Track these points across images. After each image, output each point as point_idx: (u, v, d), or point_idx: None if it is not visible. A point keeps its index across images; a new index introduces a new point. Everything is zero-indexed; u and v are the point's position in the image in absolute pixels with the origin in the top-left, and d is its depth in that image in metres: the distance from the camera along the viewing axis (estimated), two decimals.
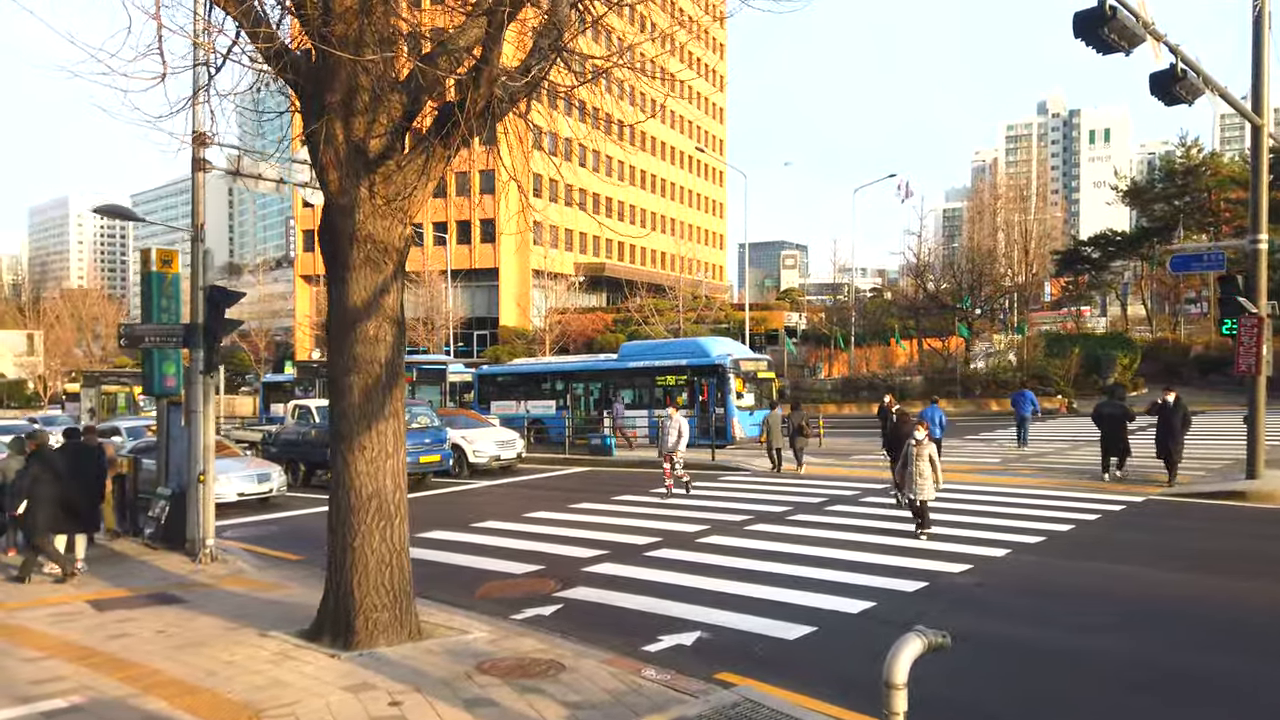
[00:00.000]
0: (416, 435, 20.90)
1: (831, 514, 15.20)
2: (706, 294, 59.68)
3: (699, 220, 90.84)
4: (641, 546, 13.04)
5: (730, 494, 18.01)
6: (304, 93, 7.55)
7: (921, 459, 12.53)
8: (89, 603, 9.83)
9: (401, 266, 8.06)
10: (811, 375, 54.63)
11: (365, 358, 7.81)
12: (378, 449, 7.83)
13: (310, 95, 7.49)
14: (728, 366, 25.93)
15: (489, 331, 62.19)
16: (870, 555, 11.82)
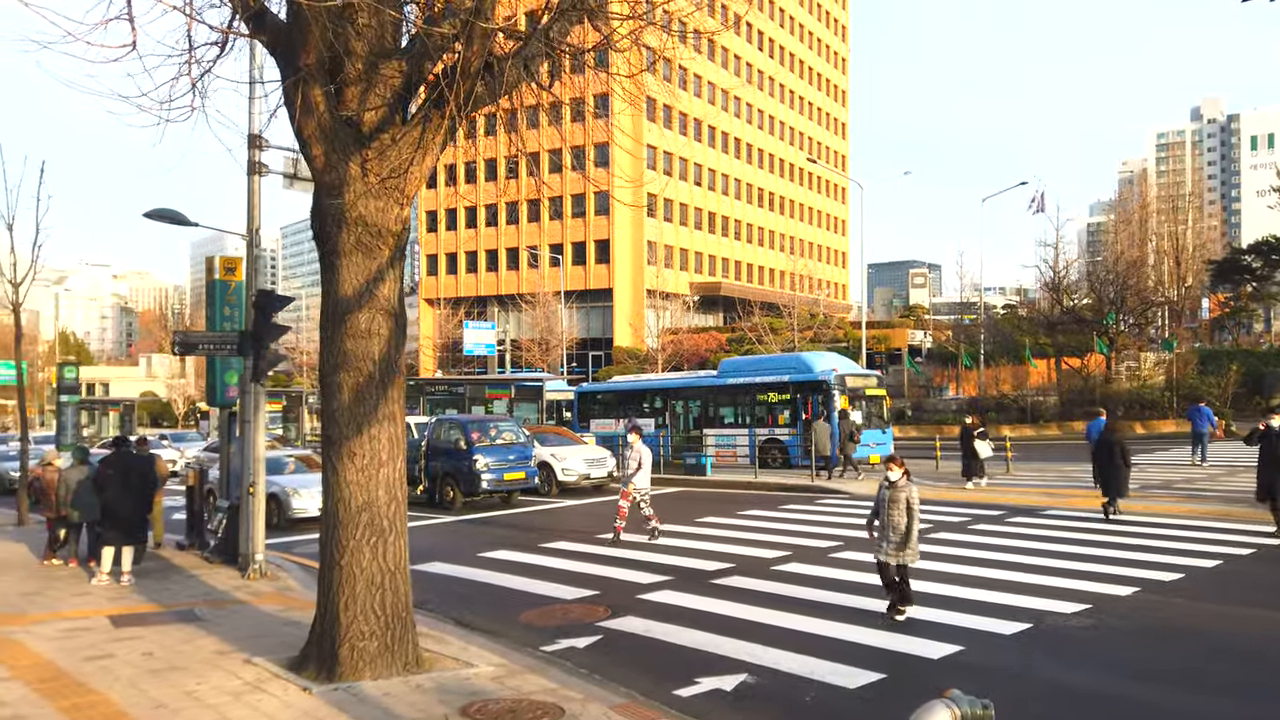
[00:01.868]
0: (500, 451, 20.30)
1: (935, 541, 13.58)
2: (824, 312, 57.71)
3: (818, 237, 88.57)
4: (710, 573, 11.84)
5: (822, 518, 16.53)
6: (280, 56, 6.83)
7: (897, 506, 9.05)
8: (110, 618, 9.39)
9: (399, 252, 7.23)
10: (938, 395, 51.80)
11: (356, 354, 7.00)
12: (369, 456, 6.99)
13: (286, 59, 6.77)
14: (833, 382, 24.33)
15: (603, 352, 61.90)
16: (969, 590, 10.27)
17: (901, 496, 9.05)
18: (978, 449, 20.38)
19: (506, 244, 68.01)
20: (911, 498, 9.03)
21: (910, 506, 9.00)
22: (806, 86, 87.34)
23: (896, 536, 9.02)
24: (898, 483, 9.11)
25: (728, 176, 74.55)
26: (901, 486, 9.09)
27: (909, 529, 8.96)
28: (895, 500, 9.06)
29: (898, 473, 9.17)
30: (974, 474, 20.47)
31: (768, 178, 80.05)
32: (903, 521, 9.00)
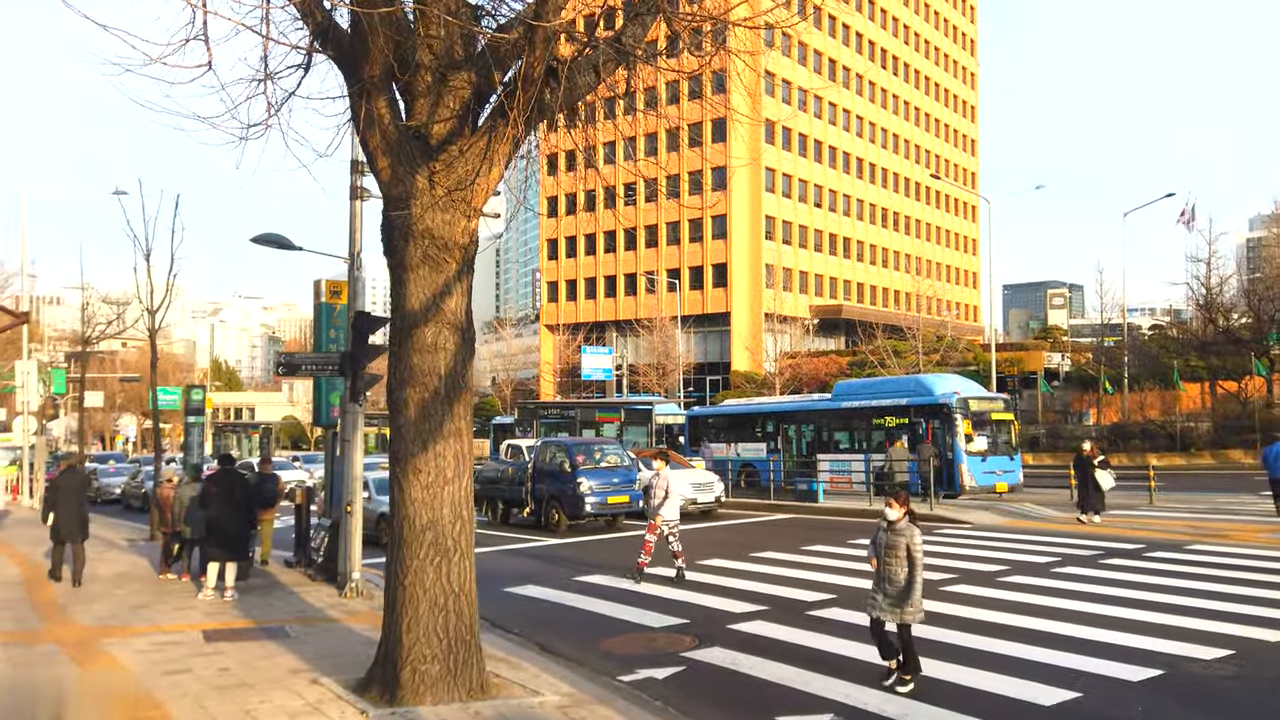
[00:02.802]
0: (604, 475, 20.13)
1: (1060, 576, 12.55)
2: (952, 334, 55.52)
3: (947, 258, 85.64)
4: (808, 603, 11.23)
5: (937, 549, 15.56)
6: (345, 69, 6.81)
7: (896, 554, 7.54)
8: (204, 632, 9.56)
9: (467, 265, 7.08)
10: (1078, 421, 48.95)
11: (422, 369, 6.86)
12: (435, 473, 6.82)
13: (350, 71, 6.74)
14: (954, 406, 23.13)
15: (721, 377, 61.34)
16: (1094, 629, 9.35)
17: (901, 542, 7.49)
18: (1099, 480, 18.51)
19: (625, 269, 68.51)
20: (914, 544, 7.48)
21: (912, 554, 7.47)
22: (933, 103, 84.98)
23: (894, 590, 7.52)
24: (897, 524, 7.55)
25: (849, 197, 73.09)
26: (902, 529, 7.53)
27: (910, 581, 7.45)
28: (894, 546, 7.52)
29: (897, 512, 7.56)
30: (1091, 507, 18.56)
31: (892, 197, 78.07)
32: (902, 572, 7.48)
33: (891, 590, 7.54)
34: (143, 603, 11.52)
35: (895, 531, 7.54)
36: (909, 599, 7.46)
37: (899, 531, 7.53)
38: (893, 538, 7.56)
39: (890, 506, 7.61)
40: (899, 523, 7.54)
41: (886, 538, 7.61)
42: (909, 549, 7.48)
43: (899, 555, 7.51)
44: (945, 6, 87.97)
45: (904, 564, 7.52)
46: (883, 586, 7.62)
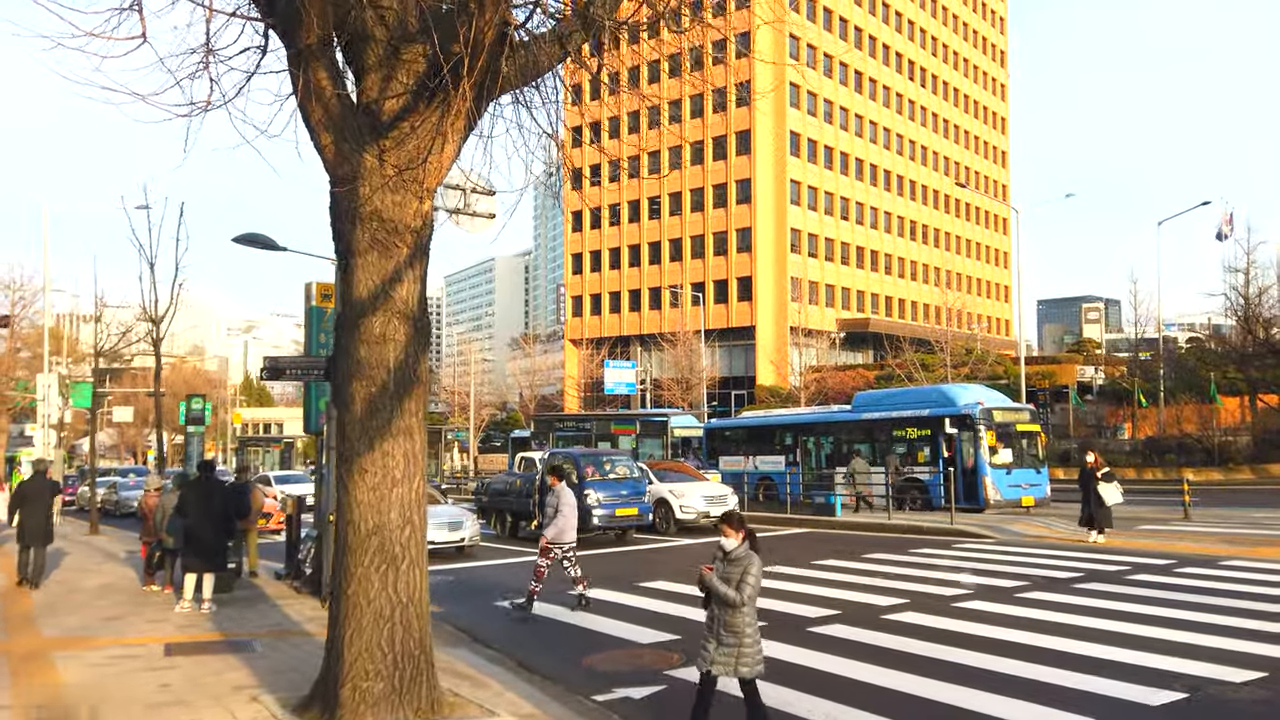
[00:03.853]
0: (613, 486, 19.58)
1: (1082, 592, 11.80)
2: (982, 347, 54.42)
3: (978, 271, 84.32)
4: (810, 620, 10.58)
5: (955, 563, 14.84)
6: (284, 38, 6.37)
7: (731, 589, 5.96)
8: (167, 645, 9.12)
9: (420, 250, 6.60)
10: (1112, 436, 47.66)
11: (370, 362, 6.38)
12: (382, 474, 6.32)
13: (289, 39, 6.30)
14: (977, 417, 22.31)
15: (746, 391, 60.56)
16: (1114, 649, 8.64)
17: (736, 574, 5.95)
18: (1103, 494, 16.62)
19: (649, 283, 68.09)
20: (748, 576, 5.93)
21: (742, 588, 5.92)
22: (963, 115, 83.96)
23: (731, 636, 5.96)
24: (733, 554, 6.05)
25: (877, 209, 72.21)
26: (738, 558, 6.01)
27: (746, 623, 5.97)
28: (728, 578, 5.97)
29: (733, 539, 6.07)
30: (1095, 523, 16.79)
31: (921, 209, 77.06)
32: (740, 614, 5.95)
33: (727, 636, 5.99)
34: (118, 614, 11.13)
35: (731, 562, 6.06)
36: (743, 644, 5.97)
37: (735, 561, 6.05)
38: (728, 569, 6.05)
39: (726, 534, 6.14)
40: (736, 552, 6.08)
41: (722, 570, 6.09)
42: (742, 582, 5.94)
43: (731, 587, 5.98)
44: (974, 18, 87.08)
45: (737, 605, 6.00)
46: (716, 631, 6.05)
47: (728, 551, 6.13)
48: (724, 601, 5.95)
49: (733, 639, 5.99)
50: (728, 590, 5.93)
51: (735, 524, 6.22)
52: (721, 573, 6.11)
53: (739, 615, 5.97)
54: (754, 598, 6.02)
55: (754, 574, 6.01)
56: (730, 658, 6.00)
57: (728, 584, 5.99)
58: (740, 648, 5.97)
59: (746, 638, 6.00)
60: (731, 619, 5.99)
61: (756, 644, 6.05)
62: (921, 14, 78.82)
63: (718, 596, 5.99)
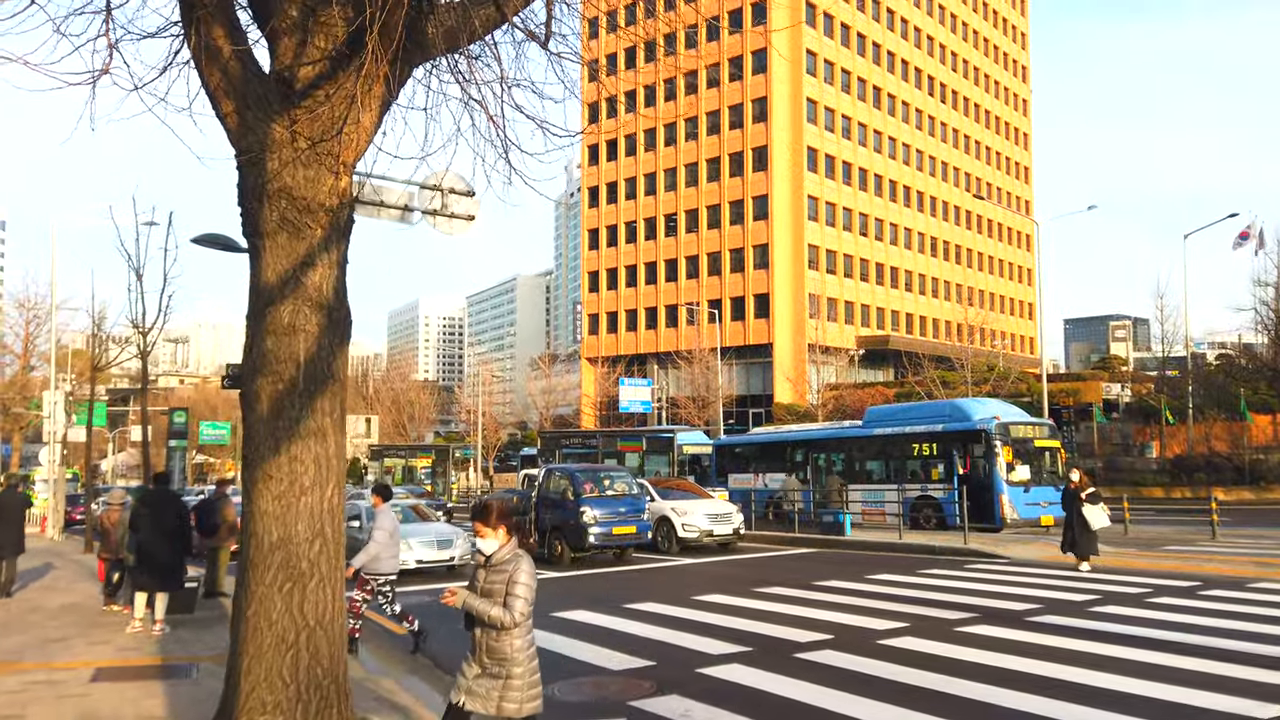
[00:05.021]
0: (610, 504, 18.83)
1: (1098, 616, 10.92)
2: (1004, 364, 53.21)
3: (1001, 288, 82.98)
4: (799, 644, 9.78)
5: (964, 585, 13.95)
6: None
7: (496, 604, 4.84)
8: (96, 670, 8.48)
9: (336, 232, 5.95)
10: (1139, 454, 46.25)
11: (277, 355, 5.72)
12: (289, 481, 5.65)
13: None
14: (993, 432, 21.36)
15: (763, 409, 59.61)
16: (1131, 680, 7.81)
17: (501, 585, 4.84)
18: (1088, 517, 15.02)
19: (666, 301, 67.43)
20: (519, 585, 4.80)
21: (510, 602, 4.79)
22: (984, 130, 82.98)
23: (496, 663, 4.85)
24: (495, 558, 4.93)
25: (896, 225, 71.25)
26: (501, 564, 4.90)
27: (518, 648, 4.84)
28: (492, 593, 4.86)
29: (492, 540, 4.94)
30: (1079, 549, 15.16)
31: (941, 225, 75.99)
32: (506, 636, 4.82)
33: (490, 661, 4.85)
34: (64, 635, 10.51)
35: (494, 569, 4.90)
36: (511, 677, 4.81)
37: (498, 568, 4.90)
38: (490, 579, 4.89)
39: (480, 533, 4.95)
40: (499, 556, 4.91)
41: (482, 579, 4.95)
42: (511, 595, 4.79)
43: (497, 603, 4.82)
44: (995, 34, 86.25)
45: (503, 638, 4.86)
46: (479, 655, 4.91)
47: (488, 555, 4.94)
48: (490, 623, 4.79)
49: (499, 667, 4.81)
50: (491, 609, 4.76)
51: (492, 519, 4.95)
52: (483, 584, 4.92)
53: (508, 638, 4.81)
54: (529, 613, 4.86)
55: (524, 582, 4.82)
56: (494, 691, 4.80)
57: (491, 598, 4.83)
58: (508, 679, 4.78)
59: (518, 666, 4.80)
60: (498, 643, 4.82)
61: (532, 674, 4.88)
62: (941, 29, 78.09)
63: (480, 619, 4.83)
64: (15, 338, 48.43)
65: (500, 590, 4.82)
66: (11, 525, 14.11)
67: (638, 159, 70.14)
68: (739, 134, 64.47)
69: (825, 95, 65.47)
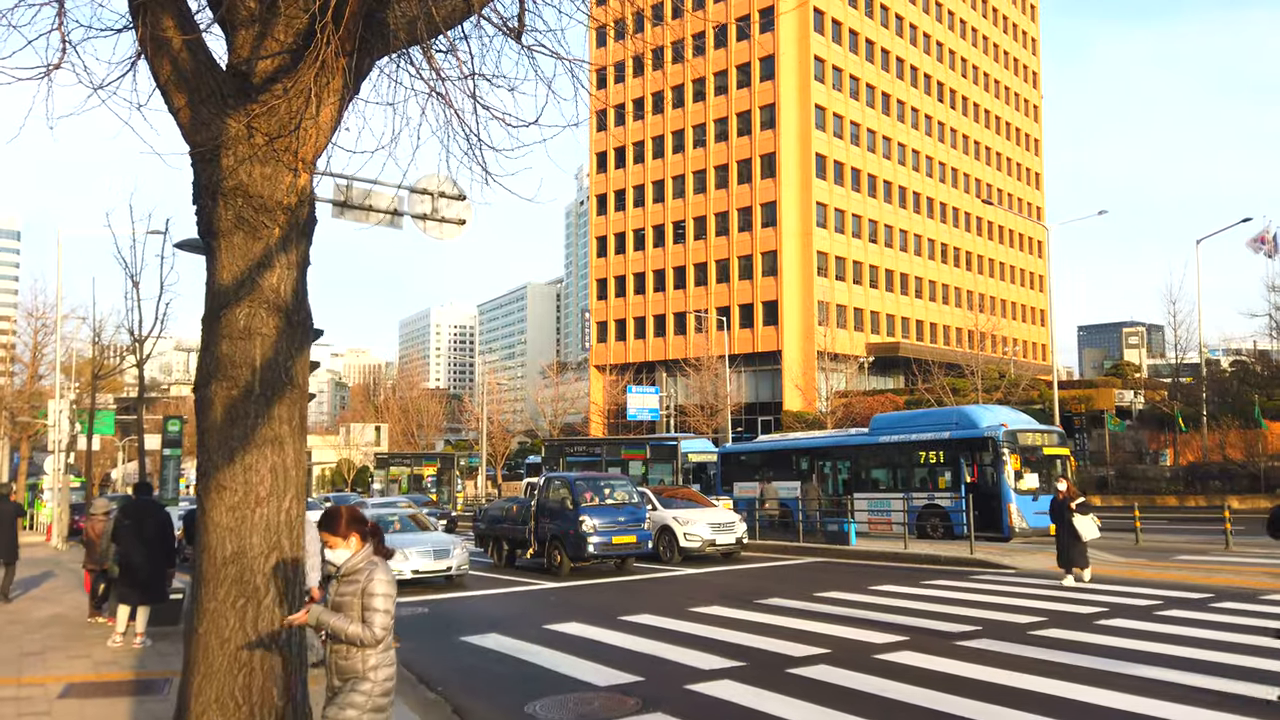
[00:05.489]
0: (610, 513, 18.55)
1: (1106, 630, 10.57)
2: (1015, 372, 52.68)
3: (1013, 295, 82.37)
4: (794, 659, 9.48)
5: (968, 597, 13.60)
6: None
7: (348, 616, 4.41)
8: (68, 685, 8.25)
9: (296, 232, 5.71)
10: (1152, 462, 45.66)
11: (232, 359, 5.48)
12: (244, 491, 5.39)
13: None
14: (1000, 439, 20.99)
15: (772, 417, 59.19)
16: (1137, 698, 7.48)
17: (355, 598, 4.38)
18: (1078, 528, 14.47)
19: (674, 308, 67.16)
20: (376, 598, 4.34)
21: (367, 615, 4.34)
22: (994, 136, 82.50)
23: (342, 681, 4.44)
24: (346, 568, 4.47)
25: (906, 232, 70.81)
26: (353, 574, 4.44)
27: (370, 667, 4.40)
28: (341, 605, 4.41)
29: (343, 549, 4.49)
30: (1070, 562, 14.53)
31: (952, 232, 75.51)
32: (358, 654, 4.39)
33: (340, 684, 4.42)
34: (43, 648, 10.29)
35: (346, 580, 4.43)
36: (355, 691, 4.35)
37: (350, 578, 4.42)
38: (342, 590, 4.43)
39: (330, 543, 4.46)
40: (352, 566, 4.43)
41: (334, 590, 4.47)
42: (369, 610, 4.31)
43: (354, 616, 4.36)
44: (1005, 39, 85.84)
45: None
46: (328, 678, 4.49)
47: (339, 565, 4.46)
48: (348, 641, 4.33)
49: (345, 684, 4.37)
50: (349, 625, 4.29)
51: (341, 526, 4.46)
52: (334, 596, 4.43)
53: (361, 654, 4.34)
54: (390, 627, 4.35)
55: (381, 592, 4.32)
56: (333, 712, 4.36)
57: (344, 613, 4.35)
58: (352, 693, 4.33)
59: (365, 683, 4.34)
60: (348, 660, 4.36)
61: (382, 695, 4.40)
62: (950, 35, 77.73)
63: (336, 636, 4.36)
64: (24, 347, 48.52)
65: (352, 603, 4.36)
66: (5, 533, 14.48)
67: (646, 166, 69.97)
68: (747, 141, 64.22)
69: (834, 101, 65.16)
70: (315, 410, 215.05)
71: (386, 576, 4.41)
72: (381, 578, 4.39)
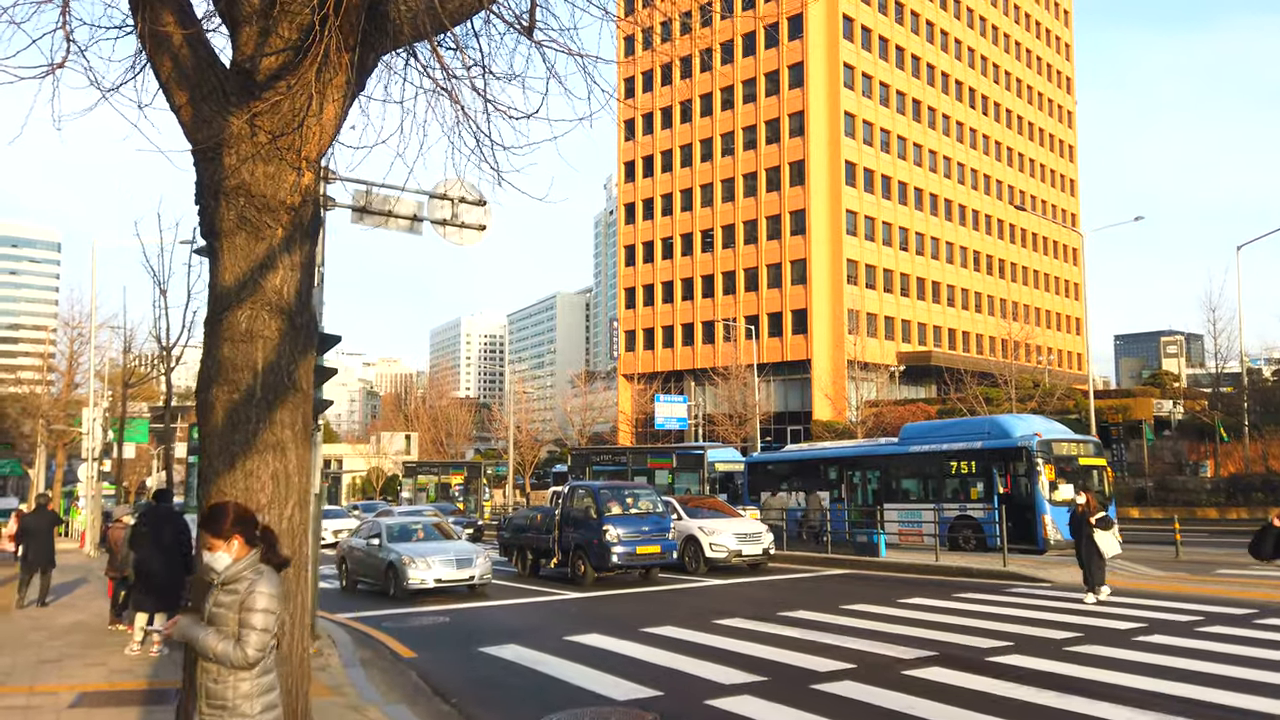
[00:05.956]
0: (634, 522, 18.33)
1: (1145, 647, 10.19)
2: (1050, 381, 51.85)
3: (1047, 303, 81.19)
4: (818, 674, 9.20)
5: (1001, 611, 13.22)
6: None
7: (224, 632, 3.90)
8: (80, 694, 8.17)
9: (300, 233, 5.58)
10: (1192, 473, 44.67)
11: (234, 363, 5.35)
12: (244, 498, 5.24)
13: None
14: (1034, 449, 20.51)
15: (802, 426, 58.67)
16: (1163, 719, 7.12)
17: (225, 611, 3.90)
18: (1099, 544, 13.77)
19: (702, 317, 66.87)
20: (255, 613, 3.84)
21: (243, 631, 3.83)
22: (1028, 143, 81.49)
23: (211, 710, 3.88)
24: (228, 575, 3.95)
25: (938, 240, 70.05)
26: (234, 584, 3.94)
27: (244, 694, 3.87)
28: (216, 618, 3.92)
29: (223, 554, 3.96)
30: (1090, 579, 13.86)
31: (985, 239, 74.60)
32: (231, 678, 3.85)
33: (209, 711, 3.88)
34: (61, 656, 10.26)
35: (226, 589, 3.94)
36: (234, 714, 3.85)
37: (230, 587, 3.93)
38: (219, 600, 3.94)
39: (210, 545, 3.98)
40: (232, 570, 3.94)
41: (213, 600, 3.97)
42: (245, 627, 3.83)
43: (228, 631, 3.87)
44: (1039, 45, 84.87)
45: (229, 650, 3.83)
46: (196, 703, 3.97)
47: (219, 572, 3.95)
48: (216, 660, 3.82)
49: (221, 707, 3.84)
50: (217, 643, 3.80)
51: (225, 526, 3.97)
52: (210, 607, 3.93)
53: (234, 680, 3.84)
54: (268, 646, 3.86)
55: (262, 607, 3.82)
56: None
57: (218, 628, 3.87)
58: None
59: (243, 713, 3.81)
60: (218, 684, 3.84)
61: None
62: (982, 41, 76.97)
63: (202, 654, 3.87)
64: (61, 357, 49.28)
65: (228, 616, 3.80)
66: (43, 541, 14.95)
67: (674, 174, 69.84)
68: (776, 148, 63.89)
69: (863, 108, 64.68)
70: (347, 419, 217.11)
71: (271, 589, 3.86)
72: (264, 590, 3.83)
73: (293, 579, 5.41)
